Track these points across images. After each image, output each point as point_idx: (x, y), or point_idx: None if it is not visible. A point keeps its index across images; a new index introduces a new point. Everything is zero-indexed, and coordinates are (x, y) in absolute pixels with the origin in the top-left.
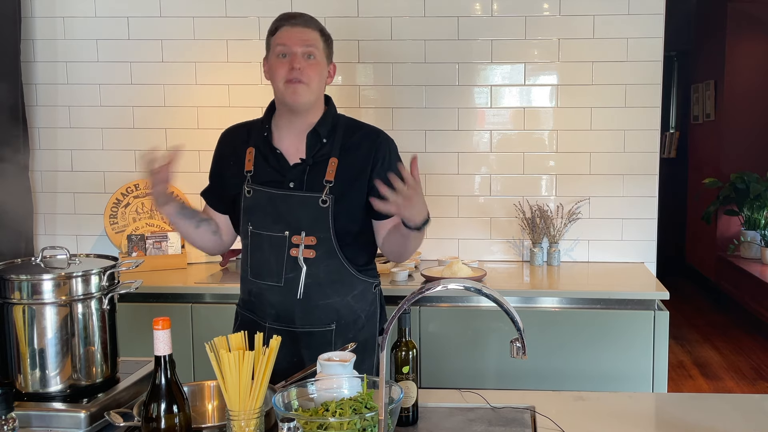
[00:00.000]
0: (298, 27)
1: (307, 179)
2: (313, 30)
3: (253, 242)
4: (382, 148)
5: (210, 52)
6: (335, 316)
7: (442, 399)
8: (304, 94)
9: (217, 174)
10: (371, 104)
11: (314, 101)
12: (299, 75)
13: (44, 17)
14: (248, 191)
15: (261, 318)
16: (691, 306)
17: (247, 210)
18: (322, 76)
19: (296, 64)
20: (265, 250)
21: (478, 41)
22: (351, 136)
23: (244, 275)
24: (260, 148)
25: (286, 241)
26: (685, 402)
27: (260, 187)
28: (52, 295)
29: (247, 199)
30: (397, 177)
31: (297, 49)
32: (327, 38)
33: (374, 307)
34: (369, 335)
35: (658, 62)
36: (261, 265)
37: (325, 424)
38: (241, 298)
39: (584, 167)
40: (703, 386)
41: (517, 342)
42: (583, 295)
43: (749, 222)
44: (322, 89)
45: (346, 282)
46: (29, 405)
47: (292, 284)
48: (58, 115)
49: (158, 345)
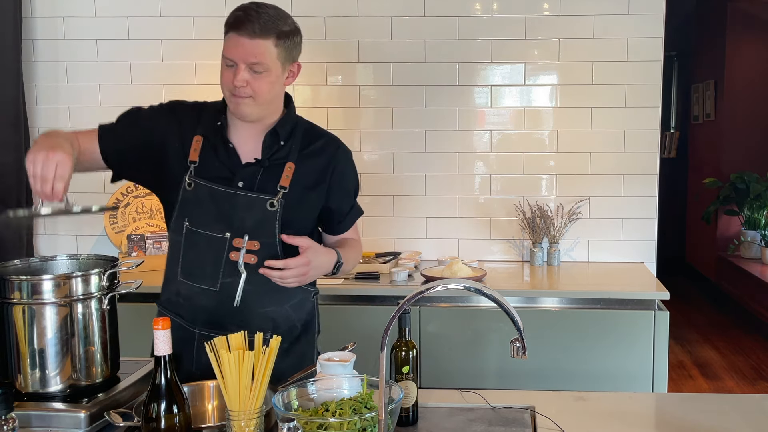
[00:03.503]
0: (245, 38)
1: (260, 181)
2: (263, 39)
3: (188, 240)
4: (341, 160)
5: (210, 52)
6: (271, 325)
7: (442, 399)
8: (248, 108)
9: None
10: (371, 104)
11: (264, 111)
12: (242, 91)
13: (44, 17)
14: (189, 184)
15: (190, 323)
16: (691, 306)
17: (185, 203)
18: (274, 85)
19: (238, 82)
20: (202, 251)
21: (478, 41)
22: (311, 142)
23: (171, 273)
24: (210, 138)
25: (226, 243)
26: (685, 402)
27: (204, 181)
28: (52, 295)
29: (187, 191)
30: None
31: (241, 64)
32: (287, 38)
33: (311, 317)
34: (306, 346)
35: (658, 62)
36: (195, 265)
37: (325, 424)
38: (166, 298)
39: (584, 167)
40: (703, 386)
41: (517, 342)
42: (583, 295)
43: (749, 222)
44: (275, 97)
45: (285, 290)
46: (29, 405)
47: (228, 290)
48: (58, 115)
49: (158, 345)
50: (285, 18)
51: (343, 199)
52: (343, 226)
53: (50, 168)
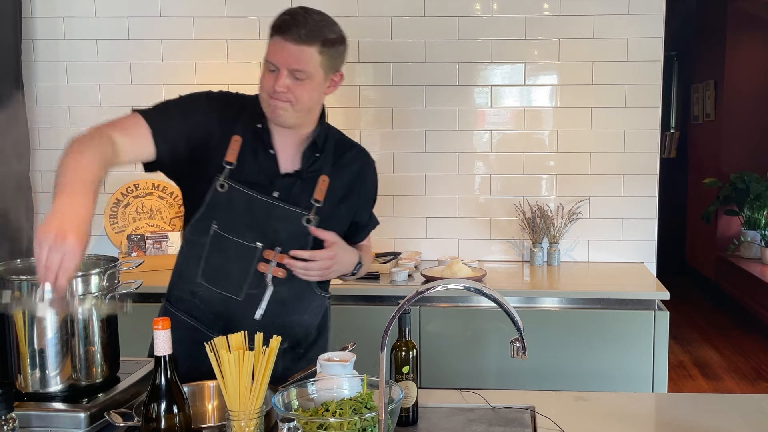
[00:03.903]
0: (289, 43)
1: (294, 193)
2: (308, 46)
3: (214, 243)
4: (369, 173)
5: (210, 52)
6: (290, 333)
7: (442, 399)
8: (285, 114)
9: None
10: (371, 104)
11: (301, 119)
12: (282, 96)
13: (44, 17)
14: (222, 185)
15: (207, 327)
16: (691, 306)
17: (215, 205)
18: (315, 93)
19: (279, 87)
20: (229, 257)
21: (478, 41)
22: (343, 153)
23: (189, 273)
24: (249, 140)
25: (256, 253)
26: (685, 402)
27: (240, 186)
28: (52, 295)
29: (219, 192)
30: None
31: (284, 70)
32: (332, 46)
33: (325, 320)
34: (320, 350)
35: (658, 62)
36: (220, 271)
37: (325, 424)
38: (177, 296)
39: (584, 167)
40: (703, 386)
41: (517, 342)
42: (583, 295)
43: (749, 222)
44: (314, 105)
45: (305, 300)
46: (29, 405)
47: (252, 300)
48: (58, 115)
49: (158, 345)
50: (332, 25)
51: (365, 210)
52: (360, 236)
53: (55, 259)
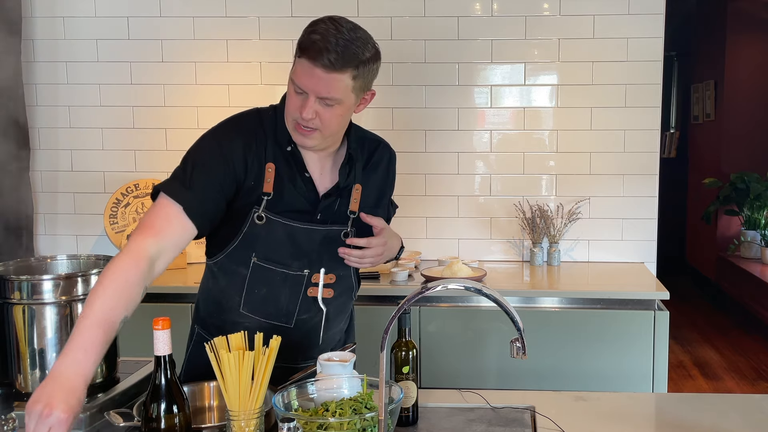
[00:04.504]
0: (319, 69)
1: (335, 212)
2: (340, 73)
3: (255, 274)
4: (392, 166)
5: (210, 52)
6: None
7: (442, 399)
8: (312, 140)
9: (222, 182)
10: (371, 104)
11: (329, 141)
12: (310, 123)
13: (44, 17)
14: (260, 217)
15: None
16: (691, 306)
17: (253, 237)
18: (344, 117)
19: (306, 114)
20: (275, 287)
21: (478, 41)
22: (370, 153)
23: (228, 303)
24: (282, 165)
25: (304, 280)
26: (685, 402)
27: (279, 217)
28: (52, 295)
29: (256, 224)
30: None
31: (312, 96)
32: (365, 66)
33: (351, 320)
34: None
35: (658, 62)
36: (265, 302)
37: (325, 424)
38: (218, 326)
39: (584, 167)
40: (703, 386)
41: (517, 342)
42: (583, 295)
43: (749, 222)
44: (343, 127)
45: (347, 311)
46: None
47: (302, 326)
48: (58, 115)
49: (158, 345)
50: (365, 42)
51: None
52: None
53: (42, 430)
